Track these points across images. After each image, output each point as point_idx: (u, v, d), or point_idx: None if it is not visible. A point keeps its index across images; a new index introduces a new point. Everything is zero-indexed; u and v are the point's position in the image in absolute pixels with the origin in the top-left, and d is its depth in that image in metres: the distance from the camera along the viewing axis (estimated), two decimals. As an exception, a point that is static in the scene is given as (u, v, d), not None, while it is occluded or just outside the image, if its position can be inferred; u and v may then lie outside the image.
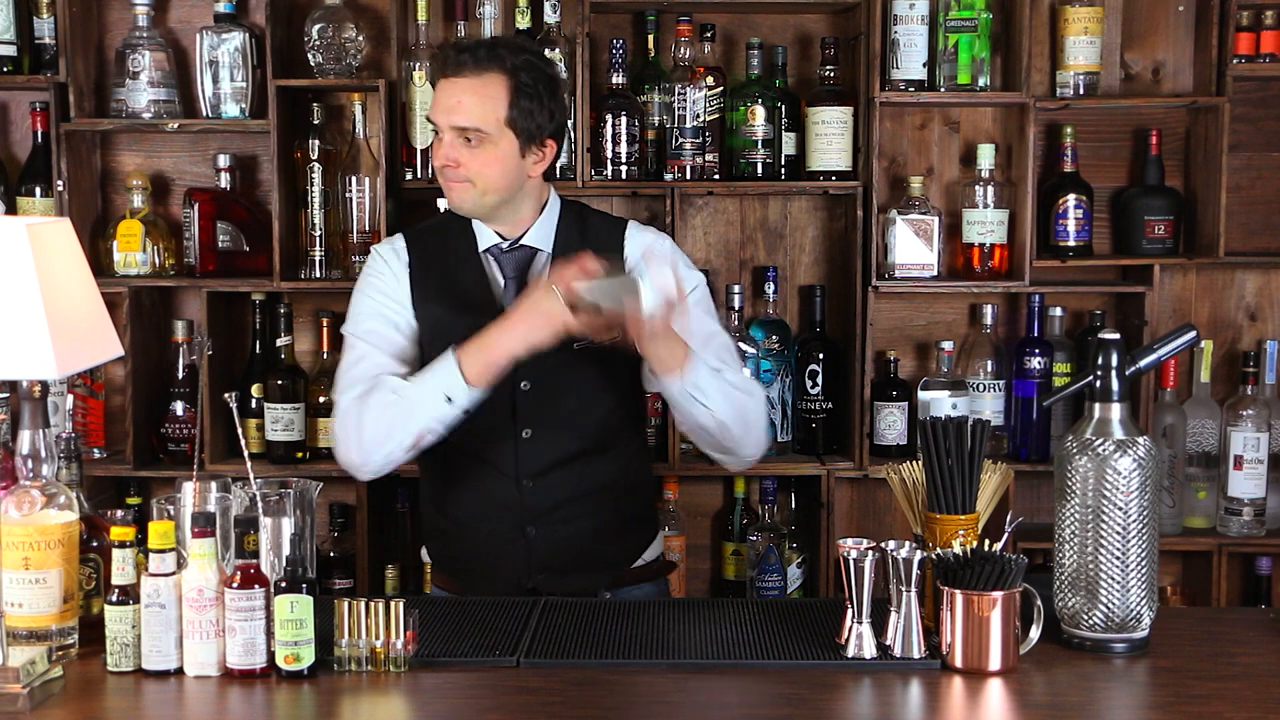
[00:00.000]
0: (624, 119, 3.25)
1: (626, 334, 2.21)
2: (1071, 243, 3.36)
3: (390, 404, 2.31)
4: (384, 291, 2.45)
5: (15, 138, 3.47)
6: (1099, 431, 2.00)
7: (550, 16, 3.26)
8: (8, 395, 2.15)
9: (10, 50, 3.28)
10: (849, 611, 1.97)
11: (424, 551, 2.63)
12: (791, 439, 3.41)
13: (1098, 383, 2.02)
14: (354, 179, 3.30)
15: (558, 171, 3.17)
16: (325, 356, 3.39)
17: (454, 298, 2.43)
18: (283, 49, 3.30)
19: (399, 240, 2.51)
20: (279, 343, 3.36)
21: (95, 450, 3.36)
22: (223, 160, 3.37)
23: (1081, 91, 3.33)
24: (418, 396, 2.29)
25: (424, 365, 2.38)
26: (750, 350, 3.32)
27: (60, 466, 2.05)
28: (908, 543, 1.99)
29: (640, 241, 2.48)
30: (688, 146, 3.29)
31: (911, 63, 3.28)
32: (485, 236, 2.44)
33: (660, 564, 2.60)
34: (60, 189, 3.27)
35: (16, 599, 1.94)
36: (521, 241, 2.44)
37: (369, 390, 2.35)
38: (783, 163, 3.38)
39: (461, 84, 2.35)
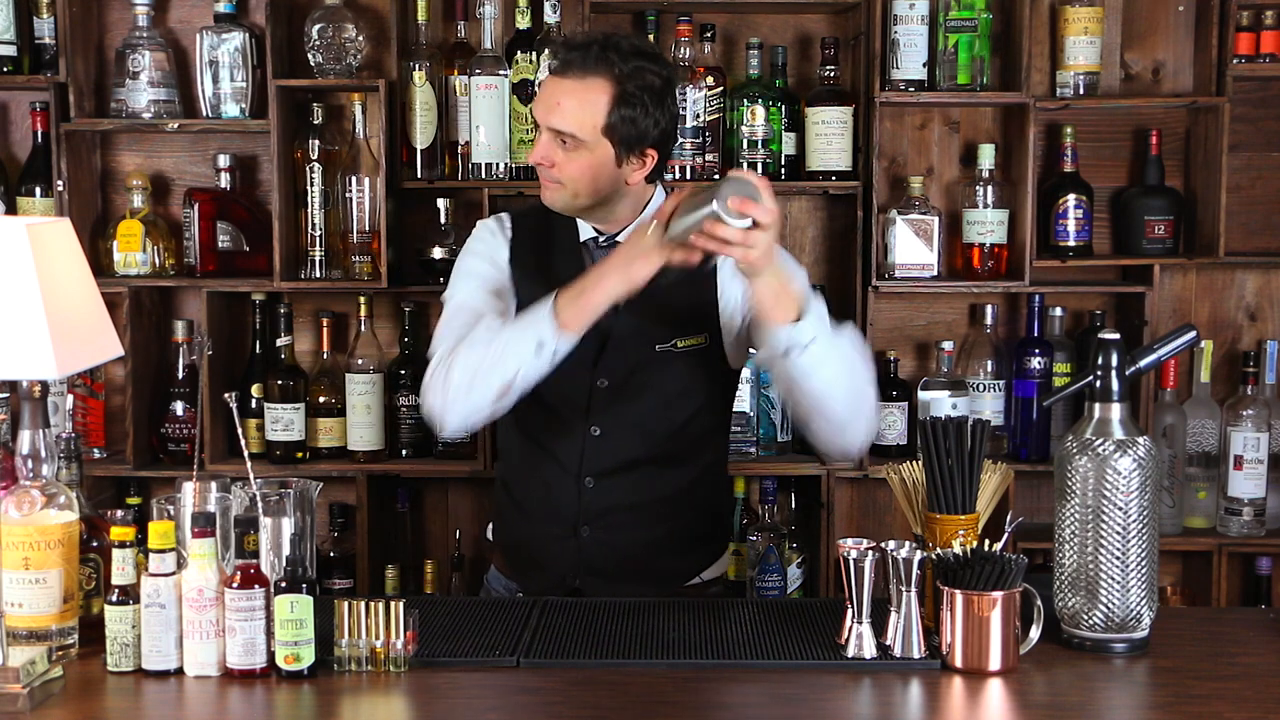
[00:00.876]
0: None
1: (731, 256, 2.09)
2: (1071, 243, 3.36)
3: (479, 349, 2.24)
4: (485, 256, 2.42)
5: (15, 138, 3.47)
6: (1099, 431, 2.00)
7: (550, 16, 3.26)
8: (8, 395, 2.15)
9: (10, 50, 3.28)
10: (849, 611, 1.97)
11: (489, 529, 2.60)
12: (791, 439, 3.41)
13: (1098, 383, 2.02)
14: (354, 179, 3.30)
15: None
16: (325, 356, 3.39)
17: (548, 284, 2.36)
18: (283, 49, 3.30)
19: (505, 217, 2.48)
20: (279, 343, 3.36)
21: (95, 450, 3.36)
22: (223, 160, 3.38)
23: (1081, 91, 3.33)
24: (508, 341, 2.22)
25: None
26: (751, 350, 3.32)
27: (60, 466, 2.05)
28: (908, 543, 1.99)
29: None
30: (688, 146, 3.29)
31: (911, 63, 3.28)
32: (584, 229, 2.41)
33: (720, 592, 2.54)
34: (60, 189, 3.27)
35: (16, 599, 1.94)
36: (617, 238, 2.39)
37: (461, 341, 2.28)
38: (783, 163, 3.38)
39: (564, 85, 2.29)
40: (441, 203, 3.30)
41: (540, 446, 2.42)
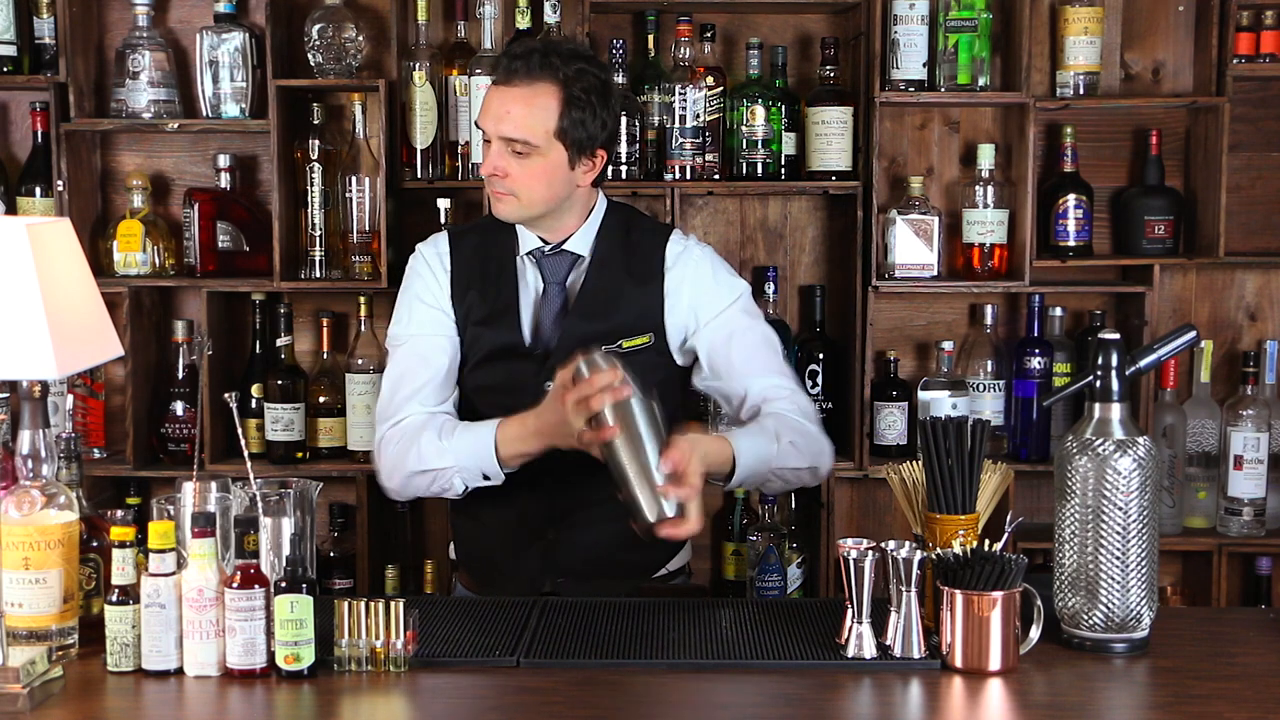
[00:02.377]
0: (624, 119, 3.25)
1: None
2: (1071, 243, 3.36)
3: (430, 466, 2.34)
4: (423, 298, 2.45)
5: (15, 138, 3.47)
6: (1099, 431, 2.00)
7: (550, 16, 3.26)
8: (8, 395, 2.15)
9: (10, 50, 3.28)
10: (849, 611, 1.97)
11: (451, 548, 2.62)
12: (791, 439, 3.41)
13: (1098, 383, 2.02)
14: (354, 179, 3.30)
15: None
16: (325, 356, 3.39)
17: (493, 299, 2.42)
18: (283, 49, 3.30)
19: (443, 241, 2.49)
20: (279, 343, 3.36)
21: (95, 450, 3.36)
22: (223, 160, 3.37)
23: (1081, 91, 3.33)
24: (455, 465, 2.33)
25: (464, 358, 2.42)
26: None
27: (60, 466, 2.05)
28: (908, 543, 1.99)
29: (677, 251, 2.45)
30: (688, 146, 3.29)
31: (911, 63, 3.28)
32: (528, 240, 2.43)
33: (686, 585, 2.57)
34: (60, 189, 3.27)
35: (16, 599, 1.94)
36: (563, 247, 2.42)
37: (410, 429, 2.36)
38: (783, 163, 3.37)
39: (512, 93, 2.31)
40: (441, 203, 3.30)
41: None
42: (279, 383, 3.33)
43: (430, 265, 2.47)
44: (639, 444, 2.11)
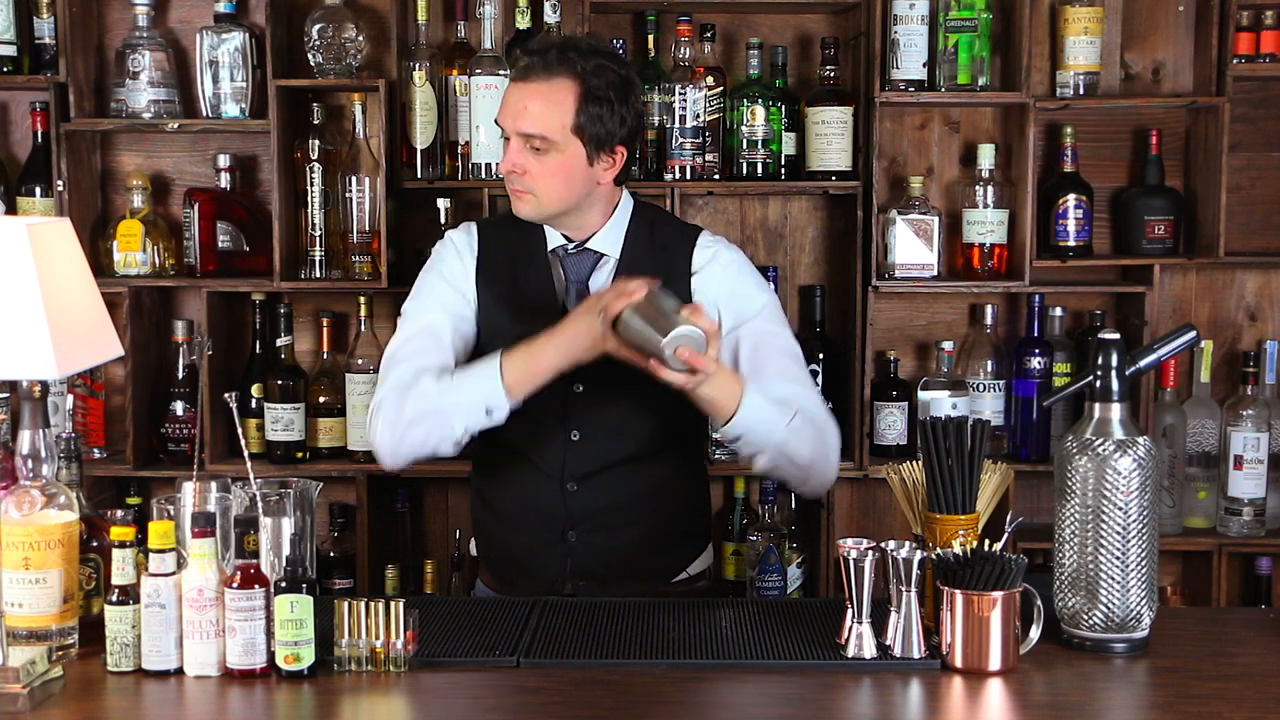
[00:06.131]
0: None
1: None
2: (1071, 243, 3.36)
3: (429, 407, 2.27)
4: (447, 278, 2.42)
5: (15, 138, 3.47)
6: (1099, 431, 2.00)
7: (550, 16, 3.26)
8: (8, 395, 2.15)
9: (10, 50, 3.28)
10: (849, 611, 1.97)
11: (472, 545, 2.61)
12: (791, 439, 3.41)
13: (1098, 383, 2.02)
14: (354, 179, 3.30)
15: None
16: (325, 356, 3.40)
17: (515, 295, 2.40)
18: (283, 49, 3.30)
19: (472, 229, 2.48)
20: (279, 343, 3.36)
21: (95, 450, 3.36)
22: (223, 160, 3.38)
23: (1081, 91, 3.33)
24: (456, 402, 2.26)
25: (476, 355, 2.37)
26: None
27: (60, 466, 2.05)
28: (908, 543, 1.99)
29: (708, 255, 2.42)
30: (687, 146, 3.29)
31: (911, 63, 3.28)
32: (553, 237, 2.41)
33: (707, 585, 2.56)
34: (60, 189, 3.27)
35: (16, 599, 1.94)
36: (587, 245, 2.40)
37: (409, 385, 2.30)
38: (783, 163, 3.37)
39: (529, 89, 2.30)
40: (441, 203, 3.30)
41: (520, 455, 2.42)
42: (279, 383, 3.33)
43: (458, 248, 2.45)
44: (661, 307, 2.12)
